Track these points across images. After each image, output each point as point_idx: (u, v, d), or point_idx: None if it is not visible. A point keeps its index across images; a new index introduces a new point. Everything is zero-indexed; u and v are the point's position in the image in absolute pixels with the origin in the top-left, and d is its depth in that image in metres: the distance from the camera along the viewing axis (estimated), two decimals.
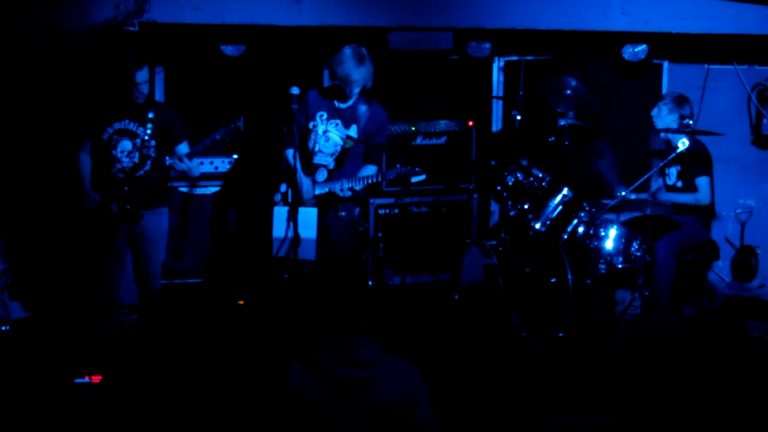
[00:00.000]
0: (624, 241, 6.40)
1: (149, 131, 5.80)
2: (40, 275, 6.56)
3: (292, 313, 5.72)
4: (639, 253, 6.38)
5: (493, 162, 7.49)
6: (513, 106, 7.28)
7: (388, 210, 7.12)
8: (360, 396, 3.54)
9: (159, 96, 7.06)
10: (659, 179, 6.82)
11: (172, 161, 5.81)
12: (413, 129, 7.28)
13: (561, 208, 6.49)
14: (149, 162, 5.83)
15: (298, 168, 5.77)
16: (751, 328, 5.89)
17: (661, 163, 6.50)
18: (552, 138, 6.95)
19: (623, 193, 6.27)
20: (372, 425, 3.55)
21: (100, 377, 4.31)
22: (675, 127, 6.55)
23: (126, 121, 5.80)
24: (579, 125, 6.89)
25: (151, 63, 5.90)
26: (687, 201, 6.58)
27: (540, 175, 6.56)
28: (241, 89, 7.22)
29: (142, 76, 5.73)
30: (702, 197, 6.55)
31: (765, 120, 7.53)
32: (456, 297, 6.89)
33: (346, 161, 6.00)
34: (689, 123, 6.62)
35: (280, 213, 5.83)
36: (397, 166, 5.84)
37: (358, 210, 6.09)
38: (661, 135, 6.79)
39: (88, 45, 6.27)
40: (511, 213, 6.60)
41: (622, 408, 4.27)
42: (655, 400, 3.64)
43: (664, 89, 7.43)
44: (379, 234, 6.94)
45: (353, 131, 5.98)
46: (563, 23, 6.89)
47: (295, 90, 5.72)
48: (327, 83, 7.09)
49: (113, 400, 3.64)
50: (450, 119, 7.38)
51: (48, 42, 6.16)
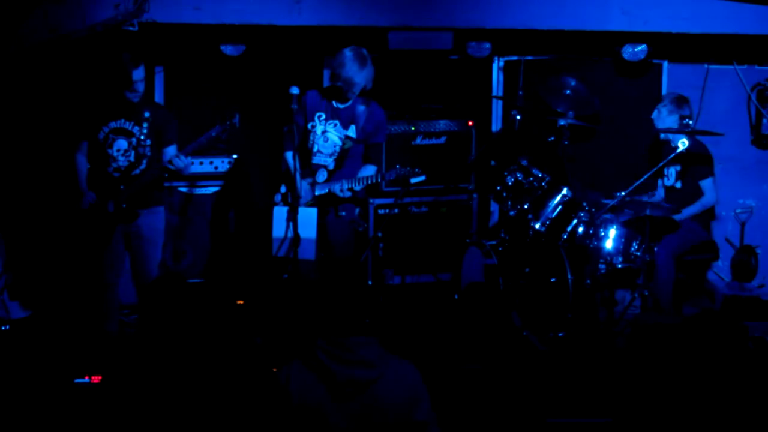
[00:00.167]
0: (624, 241, 6.40)
1: (145, 130, 5.80)
2: (38, 275, 6.56)
3: (292, 313, 5.71)
4: (639, 253, 6.38)
5: (493, 162, 7.50)
6: (513, 106, 7.28)
7: (387, 210, 7.12)
8: (360, 396, 3.54)
9: (159, 96, 7.06)
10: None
11: (168, 159, 5.80)
12: (413, 129, 7.28)
13: (561, 208, 6.49)
14: (145, 161, 5.83)
15: (297, 169, 5.76)
16: (751, 327, 5.87)
17: (660, 164, 6.49)
18: (552, 138, 6.95)
19: (623, 193, 6.27)
20: (372, 425, 3.55)
21: (99, 377, 4.30)
22: (676, 127, 6.54)
23: (121, 121, 5.79)
24: (579, 125, 6.90)
25: (148, 62, 5.88)
26: (695, 211, 6.55)
27: (540, 175, 6.56)
28: (241, 89, 7.22)
29: (138, 74, 5.72)
30: (707, 200, 6.57)
31: (765, 120, 7.53)
32: (456, 297, 6.89)
33: (345, 161, 6.00)
34: (689, 123, 6.61)
35: (279, 213, 5.82)
36: (397, 166, 5.83)
37: (357, 210, 6.08)
38: (661, 136, 6.79)
39: (86, 45, 6.27)
40: (511, 213, 6.60)
41: (621, 408, 4.26)
42: (655, 400, 3.63)
43: (663, 89, 7.43)
44: (379, 234, 6.94)
45: (352, 131, 5.98)
46: (563, 23, 6.89)
47: (295, 90, 5.71)
48: (327, 83, 7.09)
49: (112, 400, 3.63)
50: (450, 119, 7.38)
51: (47, 42, 6.15)
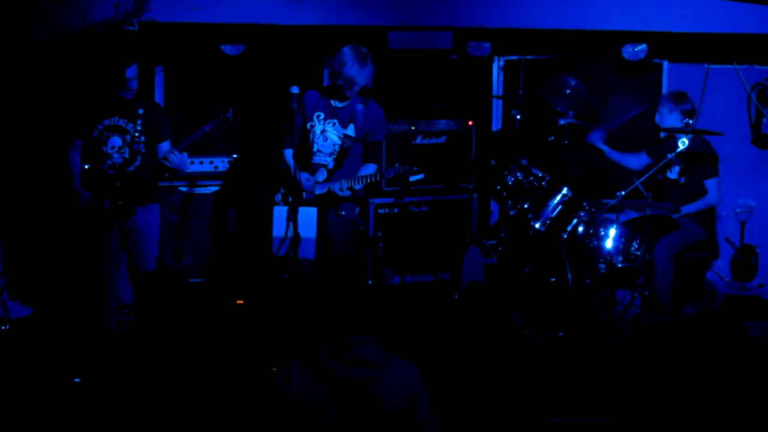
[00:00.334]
0: (624, 241, 6.39)
1: (139, 127, 5.79)
2: (37, 275, 6.56)
3: (292, 313, 5.71)
4: (639, 253, 6.37)
5: (493, 161, 7.50)
6: (513, 105, 7.28)
7: (387, 209, 7.12)
8: (360, 395, 3.54)
9: (159, 95, 7.06)
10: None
11: (163, 155, 5.79)
12: (413, 128, 7.28)
13: (561, 207, 6.49)
14: (139, 158, 5.83)
15: (297, 169, 5.76)
16: (751, 327, 5.88)
17: (660, 163, 6.48)
18: (552, 137, 6.95)
19: (623, 193, 6.26)
20: (372, 424, 3.54)
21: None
22: (679, 125, 6.53)
23: (115, 118, 5.79)
24: (579, 125, 6.89)
25: (142, 60, 5.86)
26: (697, 208, 6.56)
27: (540, 175, 6.56)
28: (241, 88, 7.22)
29: (131, 72, 5.73)
30: (710, 199, 6.56)
31: (765, 119, 7.53)
32: (456, 296, 6.88)
33: (345, 161, 6.00)
34: (689, 122, 6.61)
35: (279, 212, 5.82)
36: (396, 165, 5.84)
37: (357, 209, 6.08)
38: (661, 135, 6.77)
39: (87, 44, 6.27)
40: (511, 212, 6.60)
41: (621, 408, 4.26)
42: (655, 399, 3.63)
43: (664, 89, 7.42)
44: (379, 233, 6.94)
45: (351, 130, 5.98)
46: (563, 22, 6.89)
47: (295, 89, 5.71)
48: (327, 83, 7.09)
49: (111, 399, 3.64)
50: (450, 119, 7.38)
51: (48, 41, 6.15)
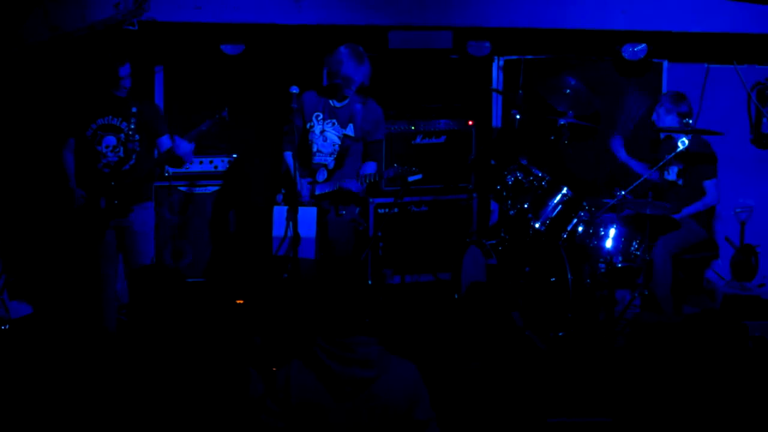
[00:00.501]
0: (623, 240, 6.39)
1: (133, 125, 5.79)
2: (36, 274, 6.55)
3: (291, 313, 5.71)
4: (639, 252, 6.37)
5: (493, 161, 7.50)
6: (512, 105, 7.28)
7: (387, 209, 7.12)
8: (360, 395, 3.54)
9: (159, 95, 7.06)
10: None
11: (167, 149, 5.79)
12: (413, 128, 7.28)
13: (560, 207, 6.49)
14: (134, 156, 5.82)
15: (296, 170, 5.77)
16: (752, 327, 5.88)
17: (660, 163, 6.47)
18: (552, 137, 6.95)
19: (623, 193, 6.26)
20: (372, 424, 3.55)
21: None
22: (676, 126, 6.53)
23: (109, 117, 5.79)
24: (578, 124, 6.89)
25: (134, 59, 5.85)
26: (696, 209, 6.55)
27: (540, 175, 6.56)
28: (241, 88, 7.22)
29: (124, 71, 5.73)
30: (709, 200, 6.54)
31: (765, 119, 7.53)
32: (456, 296, 6.88)
33: (345, 160, 6.00)
34: (689, 122, 6.60)
35: (279, 212, 5.82)
36: (395, 165, 5.85)
37: (358, 209, 6.09)
38: (662, 135, 6.77)
39: (87, 44, 6.26)
40: (511, 212, 6.60)
41: (621, 407, 4.26)
42: (655, 399, 3.63)
43: (664, 88, 7.42)
44: (379, 233, 6.94)
45: (350, 130, 5.98)
46: (563, 22, 6.89)
47: (295, 89, 5.71)
48: (327, 83, 7.09)
49: (109, 399, 3.63)
50: (450, 118, 7.38)
51: (48, 41, 6.14)
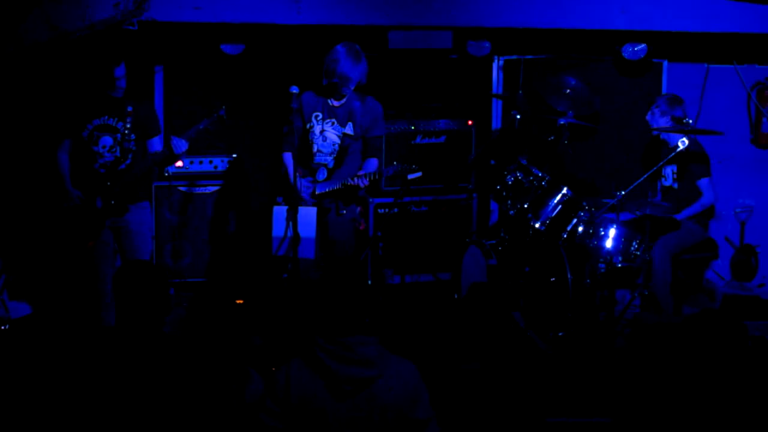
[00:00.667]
0: (623, 241, 6.39)
1: (129, 125, 5.80)
2: (35, 274, 6.55)
3: (291, 313, 5.71)
4: (639, 252, 6.37)
5: (493, 161, 7.50)
6: (512, 105, 7.28)
7: (387, 209, 7.12)
8: (360, 394, 3.54)
9: (158, 94, 7.06)
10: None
11: (166, 147, 5.80)
12: (413, 128, 7.28)
13: (560, 207, 6.48)
14: (131, 155, 5.83)
15: (295, 170, 5.77)
16: (751, 327, 5.89)
17: (660, 163, 6.47)
18: (551, 137, 6.95)
19: (623, 193, 6.26)
20: (372, 423, 3.55)
21: None
22: (677, 128, 6.52)
23: (105, 117, 5.79)
24: (578, 124, 6.89)
25: (129, 59, 5.85)
26: (695, 211, 6.53)
27: (539, 174, 6.56)
28: (241, 88, 7.22)
29: (119, 71, 5.73)
30: (706, 200, 6.54)
31: (765, 119, 7.53)
32: (455, 296, 6.88)
33: (346, 159, 6.00)
34: (689, 122, 6.60)
35: (279, 212, 5.82)
36: (395, 163, 5.86)
37: (359, 209, 6.09)
38: (661, 135, 6.76)
39: (86, 44, 6.26)
40: (511, 212, 6.60)
41: (621, 408, 4.26)
42: (655, 399, 3.63)
43: (664, 88, 7.42)
44: (379, 233, 6.94)
45: (349, 128, 5.97)
46: (563, 22, 6.89)
47: (295, 89, 5.71)
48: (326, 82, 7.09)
49: (109, 399, 3.63)
50: (449, 118, 7.38)
51: (47, 41, 6.14)
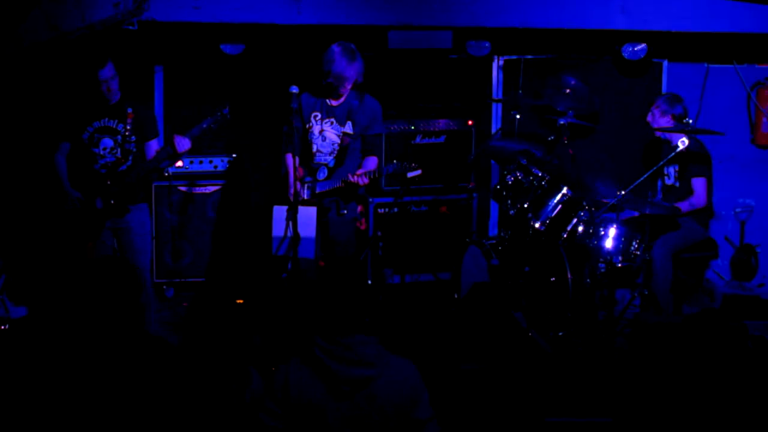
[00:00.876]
0: (623, 240, 6.38)
1: (129, 126, 5.80)
2: (35, 274, 6.55)
3: (291, 312, 5.71)
4: (638, 252, 6.36)
5: (493, 161, 7.50)
6: (512, 106, 7.27)
7: (387, 209, 7.12)
8: (359, 394, 3.54)
9: (158, 95, 7.06)
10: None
11: (168, 146, 5.80)
12: (413, 128, 7.28)
13: (560, 207, 6.48)
14: (131, 157, 5.84)
15: (295, 171, 5.78)
16: (751, 327, 5.87)
17: (660, 162, 6.45)
18: (551, 137, 6.95)
19: (623, 193, 6.25)
20: (372, 423, 3.55)
21: None
22: (678, 128, 6.50)
23: (105, 119, 5.80)
24: (578, 124, 6.89)
25: (116, 58, 5.82)
26: (683, 209, 6.44)
27: (540, 174, 6.55)
28: (241, 88, 7.22)
29: (104, 73, 5.69)
30: (696, 200, 6.44)
31: (764, 119, 7.53)
32: (455, 296, 6.88)
33: (346, 158, 6.00)
34: (689, 121, 6.60)
35: (279, 212, 5.82)
36: (394, 162, 5.86)
37: (359, 208, 6.09)
38: (662, 135, 6.75)
39: (86, 44, 6.26)
40: (511, 212, 6.59)
41: (621, 408, 4.26)
42: (655, 399, 3.63)
43: (663, 88, 7.42)
44: (379, 233, 6.94)
45: (349, 128, 5.98)
46: (563, 22, 6.89)
47: (295, 89, 5.72)
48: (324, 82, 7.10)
49: (108, 398, 3.63)
50: (449, 118, 7.38)
51: (47, 41, 6.14)
